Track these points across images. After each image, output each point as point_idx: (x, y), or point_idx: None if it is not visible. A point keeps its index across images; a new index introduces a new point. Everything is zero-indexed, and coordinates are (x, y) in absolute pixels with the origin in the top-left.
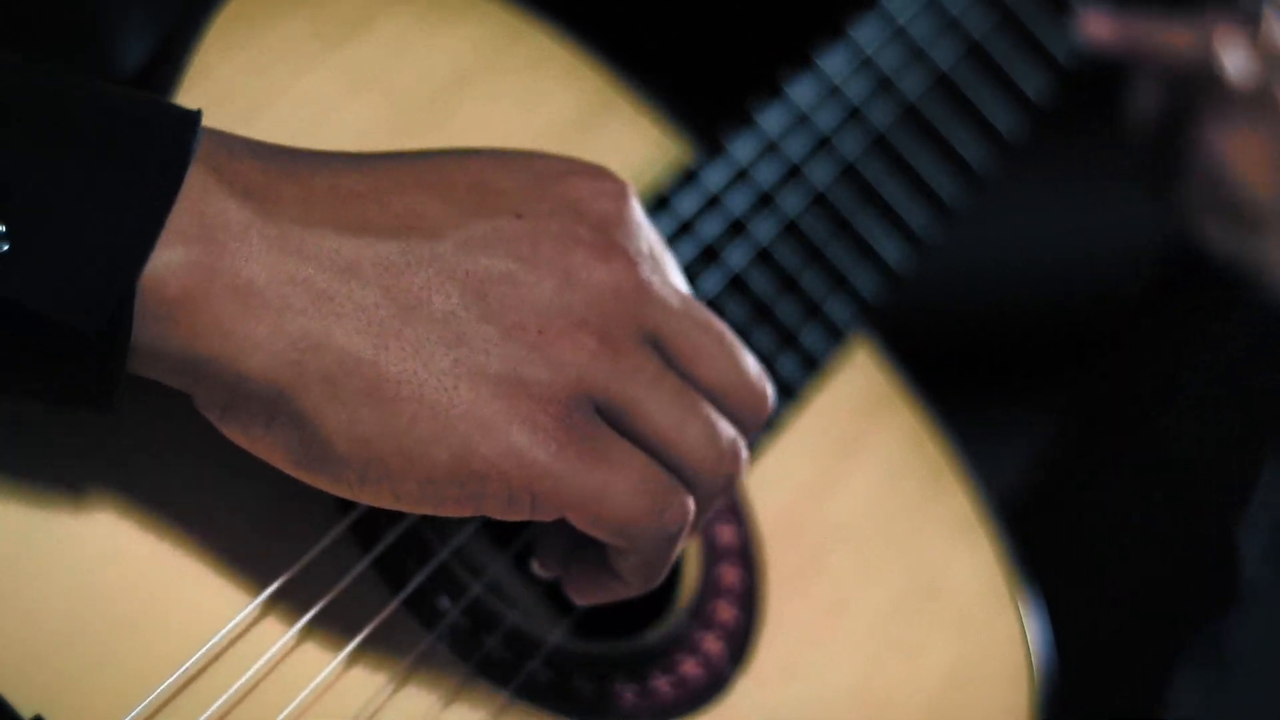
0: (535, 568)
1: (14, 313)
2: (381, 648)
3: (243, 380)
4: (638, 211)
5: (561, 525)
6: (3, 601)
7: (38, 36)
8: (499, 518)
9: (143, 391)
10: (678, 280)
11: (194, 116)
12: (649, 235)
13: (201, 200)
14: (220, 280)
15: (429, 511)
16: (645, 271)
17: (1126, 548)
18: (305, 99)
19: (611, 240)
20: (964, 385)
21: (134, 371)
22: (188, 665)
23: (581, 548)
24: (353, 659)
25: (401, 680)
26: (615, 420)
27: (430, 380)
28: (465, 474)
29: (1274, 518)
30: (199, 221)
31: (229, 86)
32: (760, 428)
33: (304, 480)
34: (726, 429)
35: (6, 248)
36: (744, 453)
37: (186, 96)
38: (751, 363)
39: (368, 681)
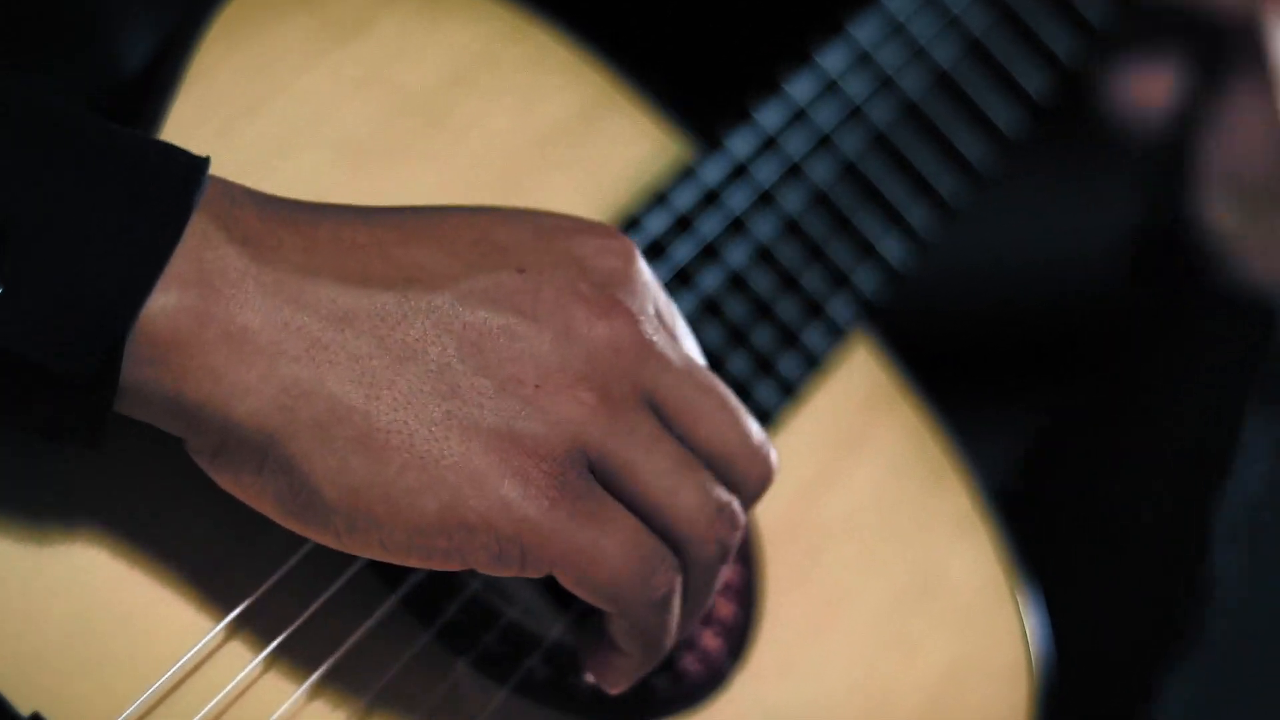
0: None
1: (2, 353)
2: (380, 644)
3: (233, 425)
4: (644, 271)
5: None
6: (3, 603)
7: (41, 37)
8: (487, 572)
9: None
10: (686, 343)
11: (201, 165)
12: (656, 295)
13: (201, 246)
14: (214, 325)
15: (417, 564)
16: (647, 330)
17: (1112, 540)
18: (305, 97)
19: (614, 297)
20: (963, 382)
21: (125, 413)
22: (186, 658)
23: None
24: (351, 655)
25: (399, 676)
26: (608, 480)
27: (421, 431)
28: (454, 525)
29: (1246, 499)
30: (196, 267)
31: (229, 85)
32: (762, 495)
33: (293, 529)
34: (721, 495)
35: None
36: (741, 519)
37: (187, 95)
38: (755, 428)
39: (366, 677)
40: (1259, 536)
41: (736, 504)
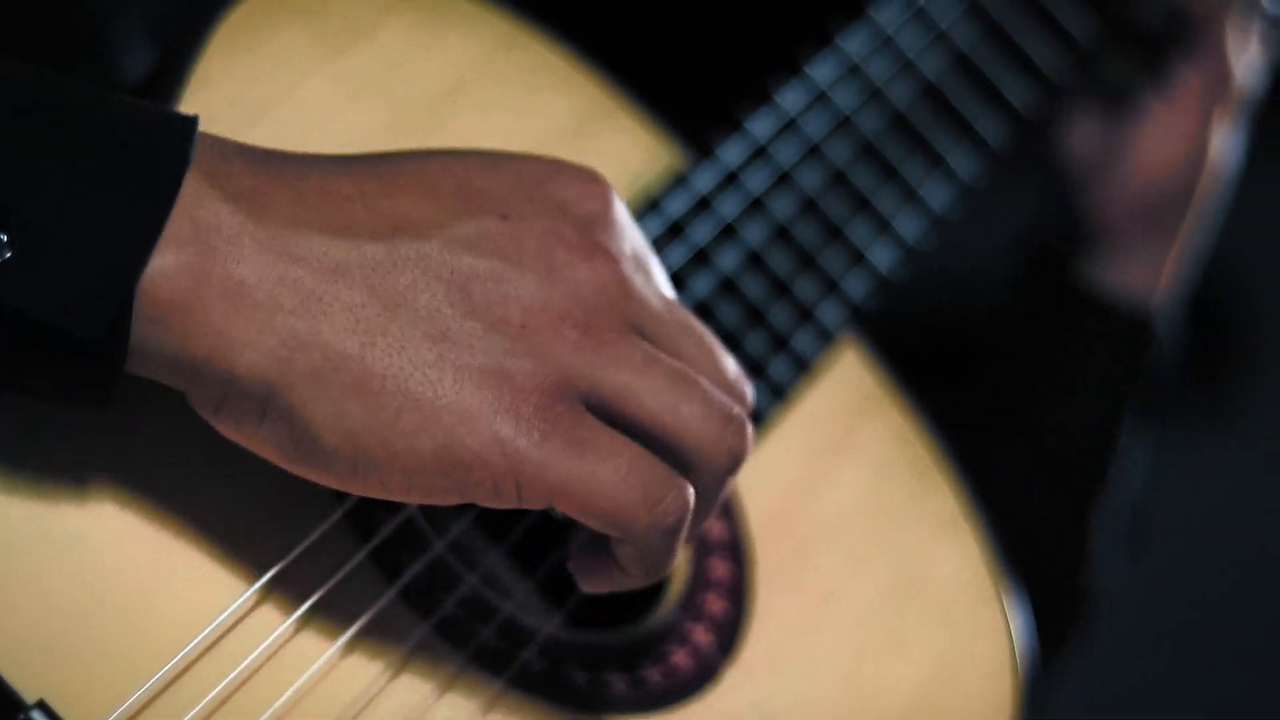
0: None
1: (15, 318)
2: (377, 637)
3: (234, 378)
4: (622, 213)
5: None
6: (8, 591)
7: (44, 46)
8: (488, 505)
9: (141, 386)
10: (661, 282)
11: (190, 124)
12: (633, 237)
13: (195, 205)
14: (212, 282)
15: (418, 501)
16: (628, 270)
17: (1007, 535)
18: (305, 106)
19: (595, 239)
20: (950, 385)
21: (130, 372)
22: (185, 651)
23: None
24: (349, 648)
25: (396, 669)
26: (605, 412)
27: (415, 374)
28: (450, 464)
29: (1129, 501)
30: (192, 226)
31: (230, 94)
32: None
33: (296, 473)
34: (727, 404)
35: (8, 255)
36: (749, 428)
37: (188, 104)
38: (732, 364)
39: (363, 670)
40: (1137, 542)
41: (744, 413)
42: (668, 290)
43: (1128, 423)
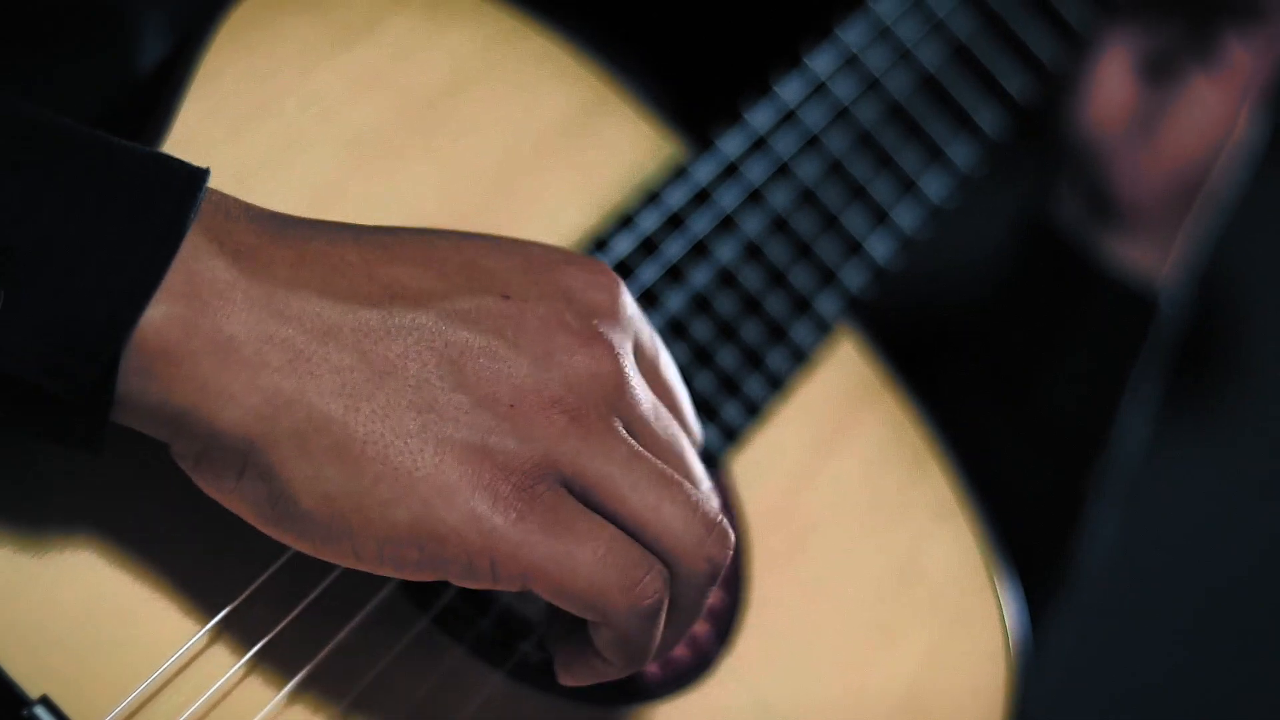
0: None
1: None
2: (379, 629)
3: (216, 432)
4: (629, 306)
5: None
6: (12, 588)
7: (61, 36)
8: (462, 584)
9: None
10: (668, 370)
11: (198, 178)
12: (639, 329)
13: (193, 259)
14: (201, 336)
15: (390, 574)
16: (626, 366)
17: (993, 511)
18: (311, 99)
19: (596, 330)
20: (947, 365)
21: (113, 420)
22: (189, 644)
23: (575, 627)
24: (351, 639)
25: (398, 660)
26: (587, 500)
27: (396, 443)
28: (424, 536)
29: (1122, 472)
30: (186, 280)
31: (238, 85)
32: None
33: (270, 534)
34: (711, 511)
35: None
36: (731, 538)
37: (197, 95)
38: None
39: (366, 660)
40: (1133, 503)
41: (726, 521)
42: (677, 381)
43: (1127, 399)
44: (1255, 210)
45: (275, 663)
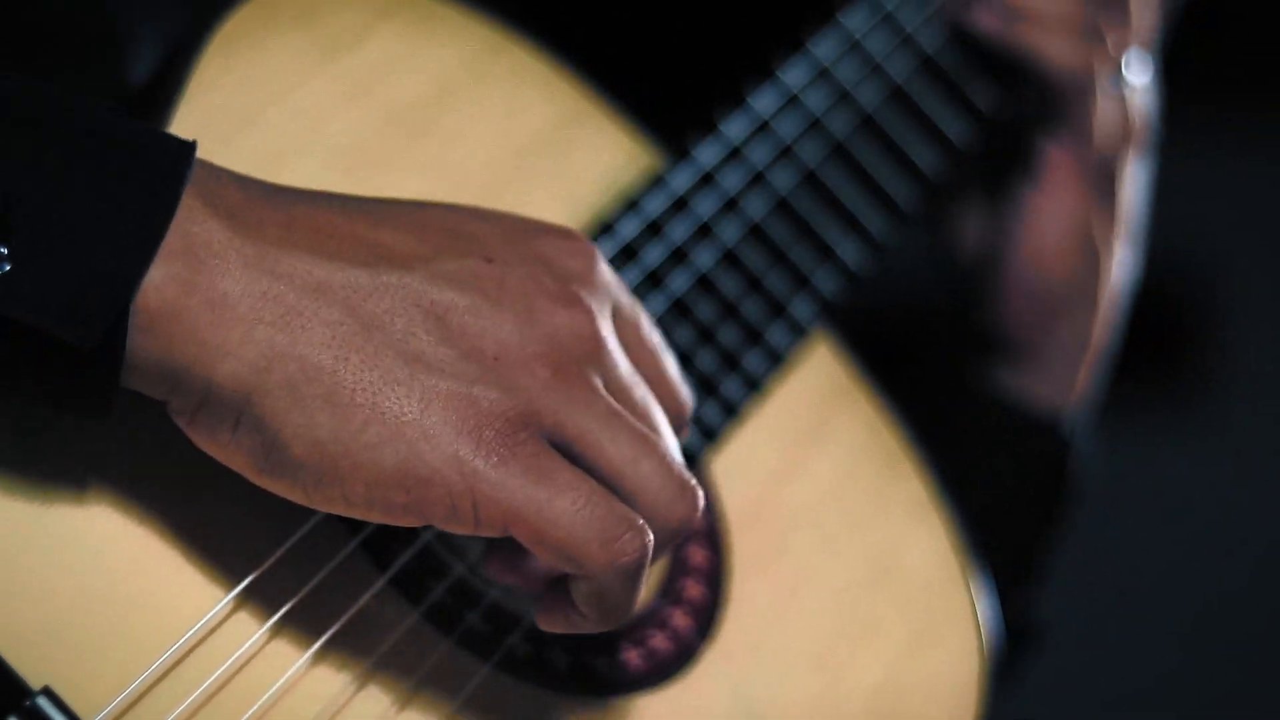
0: (485, 570)
1: (15, 328)
2: (369, 623)
3: (213, 386)
4: (606, 273)
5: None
6: (14, 580)
7: (57, 48)
8: (447, 528)
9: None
10: (650, 333)
11: (189, 147)
12: (618, 295)
13: (188, 220)
14: (198, 294)
15: (378, 519)
16: (604, 328)
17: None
18: (300, 110)
19: (576, 293)
20: (919, 376)
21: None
22: (186, 639)
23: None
24: (342, 633)
25: (388, 653)
26: (567, 453)
27: (384, 390)
28: (411, 480)
29: (1084, 474)
30: (183, 240)
31: (228, 97)
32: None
33: (264, 486)
34: (685, 472)
35: (8, 268)
36: (701, 496)
37: (188, 107)
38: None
39: (355, 654)
40: (1133, 505)
41: (696, 482)
42: (660, 344)
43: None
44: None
45: (271, 655)
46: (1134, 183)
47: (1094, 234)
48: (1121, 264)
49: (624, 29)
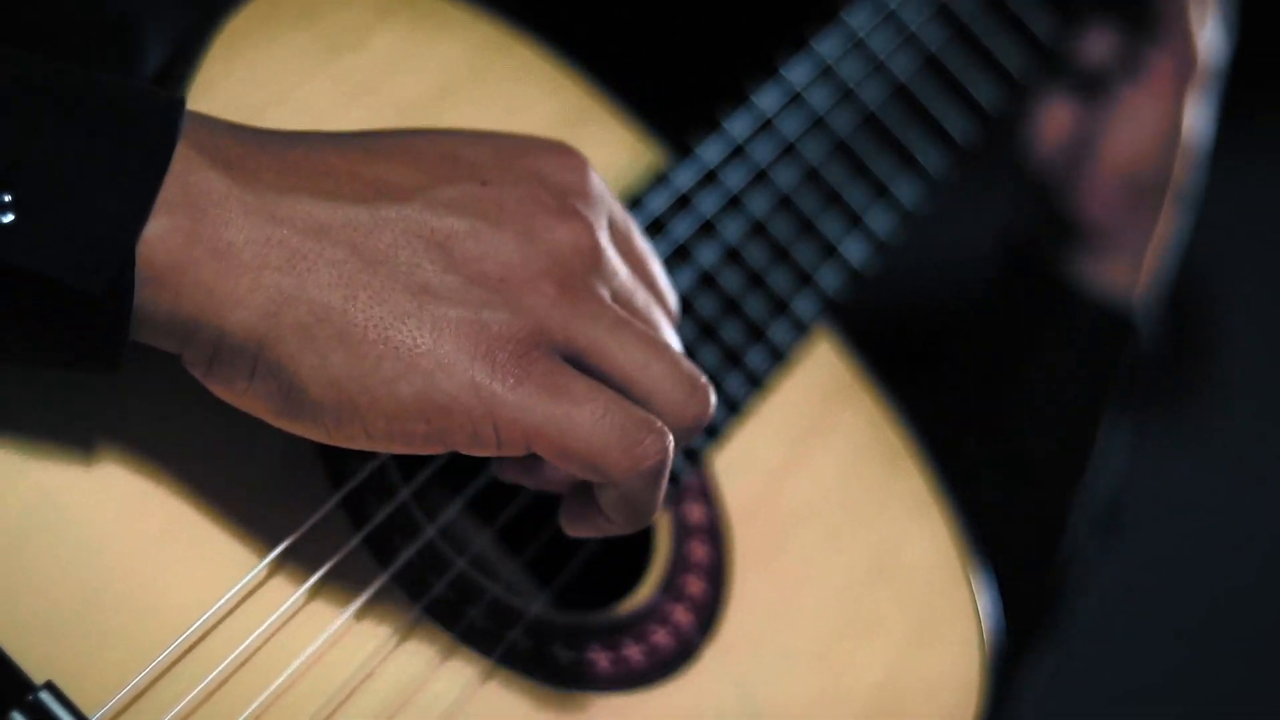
0: (499, 474)
1: (24, 279)
2: (371, 619)
3: (224, 335)
4: (598, 184)
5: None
6: (16, 575)
7: (68, 46)
8: (469, 452)
9: (142, 374)
10: (641, 243)
11: (179, 101)
12: (610, 205)
13: (186, 172)
14: (202, 243)
15: (401, 449)
16: (602, 238)
17: (976, 537)
18: (303, 108)
19: (572, 206)
20: (923, 376)
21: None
22: (187, 634)
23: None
24: (344, 629)
25: (391, 648)
26: (579, 365)
27: (395, 324)
28: (430, 409)
29: (1105, 492)
30: (183, 191)
31: (232, 95)
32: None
33: (286, 428)
34: (695, 370)
35: (11, 218)
36: (713, 396)
37: (192, 104)
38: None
39: (358, 650)
40: (1112, 533)
41: (706, 379)
42: (649, 251)
43: (1106, 417)
44: (1253, 211)
45: (273, 651)
46: (1200, 111)
47: (1178, 134)
48: (1196, 134)
49: (627, 26)
